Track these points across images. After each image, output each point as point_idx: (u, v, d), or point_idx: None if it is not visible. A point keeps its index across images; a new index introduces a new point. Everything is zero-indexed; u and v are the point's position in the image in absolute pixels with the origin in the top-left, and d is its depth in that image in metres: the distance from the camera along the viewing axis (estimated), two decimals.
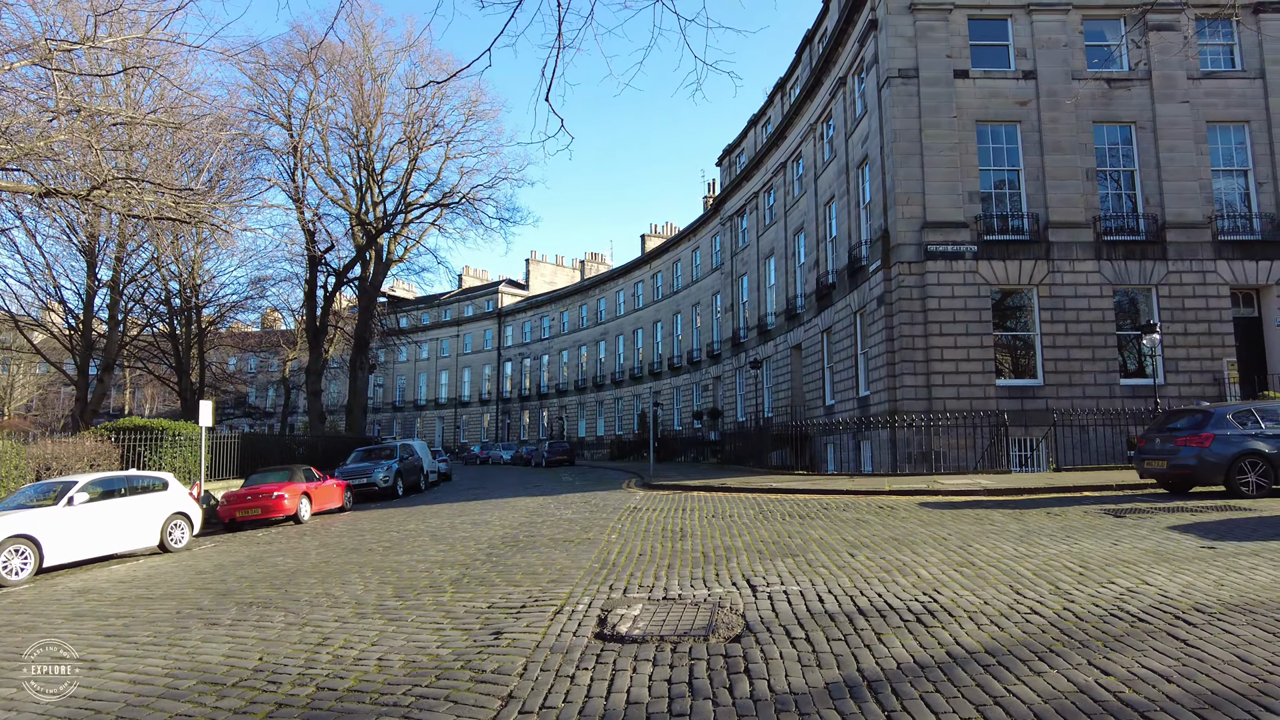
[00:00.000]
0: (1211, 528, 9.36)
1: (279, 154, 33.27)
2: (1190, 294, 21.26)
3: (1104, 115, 22.18)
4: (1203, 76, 22.38)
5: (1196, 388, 20.67)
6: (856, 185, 25.72)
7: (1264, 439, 12.22)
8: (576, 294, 66.25)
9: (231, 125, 26.69)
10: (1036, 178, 21.83)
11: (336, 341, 42.63)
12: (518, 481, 28.80)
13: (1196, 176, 21.82)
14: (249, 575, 9.95)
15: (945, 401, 20.46)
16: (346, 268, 35.42)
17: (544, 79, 5.12)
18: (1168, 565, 7.29)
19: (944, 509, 12.57)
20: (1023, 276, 21.33)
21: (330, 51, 35.13)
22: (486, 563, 9.39)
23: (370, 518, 17.41)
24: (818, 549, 9.05)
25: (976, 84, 22.20)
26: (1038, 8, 22.37)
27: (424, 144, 37.61)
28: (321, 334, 34.35)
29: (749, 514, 13.05)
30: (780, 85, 35.66)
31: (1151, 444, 13.36)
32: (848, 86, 26.46)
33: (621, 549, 9.72)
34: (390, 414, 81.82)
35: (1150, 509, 11.31)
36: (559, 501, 17.60)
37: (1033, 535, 9.39)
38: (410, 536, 12.79)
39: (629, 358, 57.66)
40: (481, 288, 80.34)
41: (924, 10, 22.28)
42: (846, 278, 25.54)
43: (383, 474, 23.47)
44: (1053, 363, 20.98)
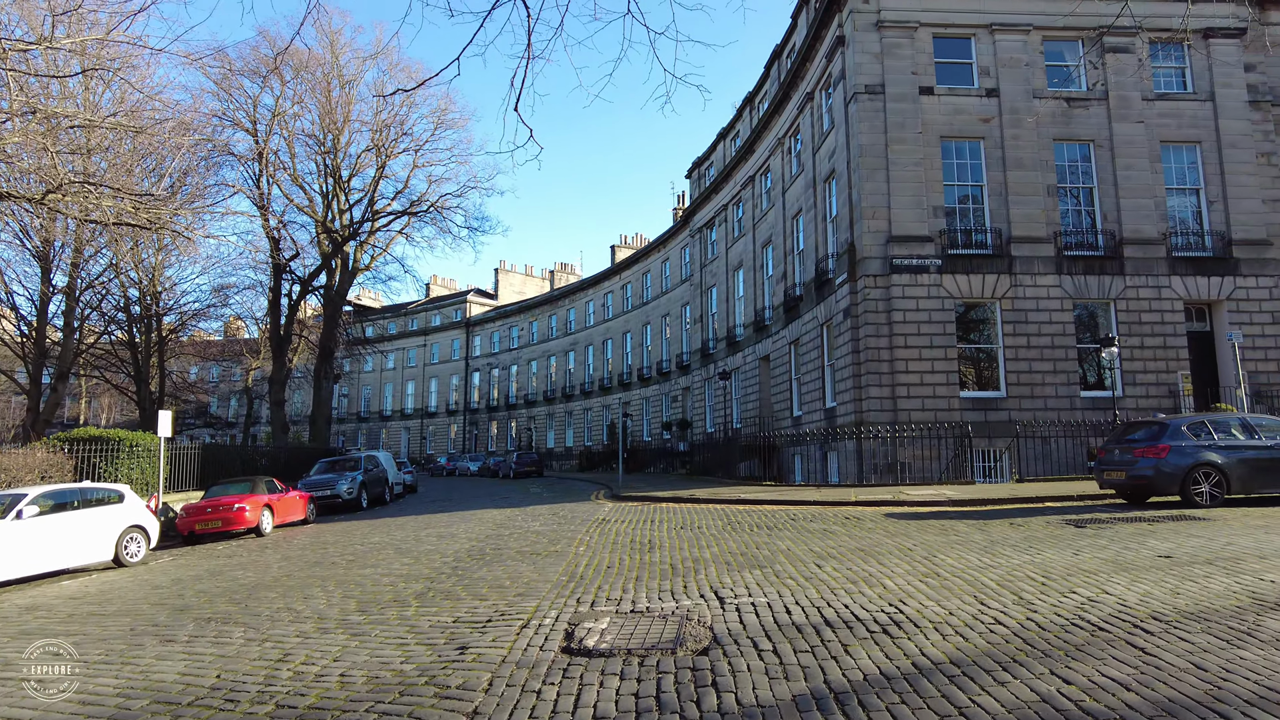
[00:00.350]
0: (1168, 537, 9.56)
1: (244, 160, 32.80)
2: (1147, 308, 21.80)
3: (1064, 133, 22.73)
4: (1156, 98, 23.05)
5: (1153, 400, 21.17)
6: (824, 199, 26.01)
7: (1216, 450, 12.54)
8: (546, 304, 66.06)
9: (195, 130, 26.23)
10: (999, 193, 22.27)
11: (301, 351, 41.98)
12: (485, 493, 28.54)
13: (1152, 194, 22.43)
14: (207, 590, 9.71)
15: (910, 413, 20.71)
16: (311, 276, 34.95)
17: (513, 89, 5.14)
18: (1126, 575, 7.42)
19: (909, 520, 12.69)
20: (986, 290, 21.71)
21: (297, 57, 34.74)
22: (452, 576, 9.26)
23: (334, 530, 17.12)
24: (785, 560, 9.07)
25: (941, 101, 22.62)
26: (1000, 27, 22.87)
27: (392, 152, 37.33)
28: (285, 343, 33.81)
29: (717, 525, 13.06)
30: (749, 99, 35.99)
31: (1111, 455, 13.64)
32: (815, 101, 26.79)
33: (589, 562, 9.66)
34: (355, 425, 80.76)
35: (1110, 519, 11.52)
36: (526, 513, 17.47)
37: (997, 546, 9.51)
38: (374, 549, 12.59)
39: (598, 368, 57.60)
40: (449, 297, 79.78)
41: (890, 28, 22.66)
42: (814, 290, 25.78)
43: (347, 486, 23.11)
44: (1015, 375, 21.35)
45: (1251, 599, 6.37)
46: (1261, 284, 22.15)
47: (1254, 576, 7.16)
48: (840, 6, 23.50)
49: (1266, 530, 9.91)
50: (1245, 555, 8.22)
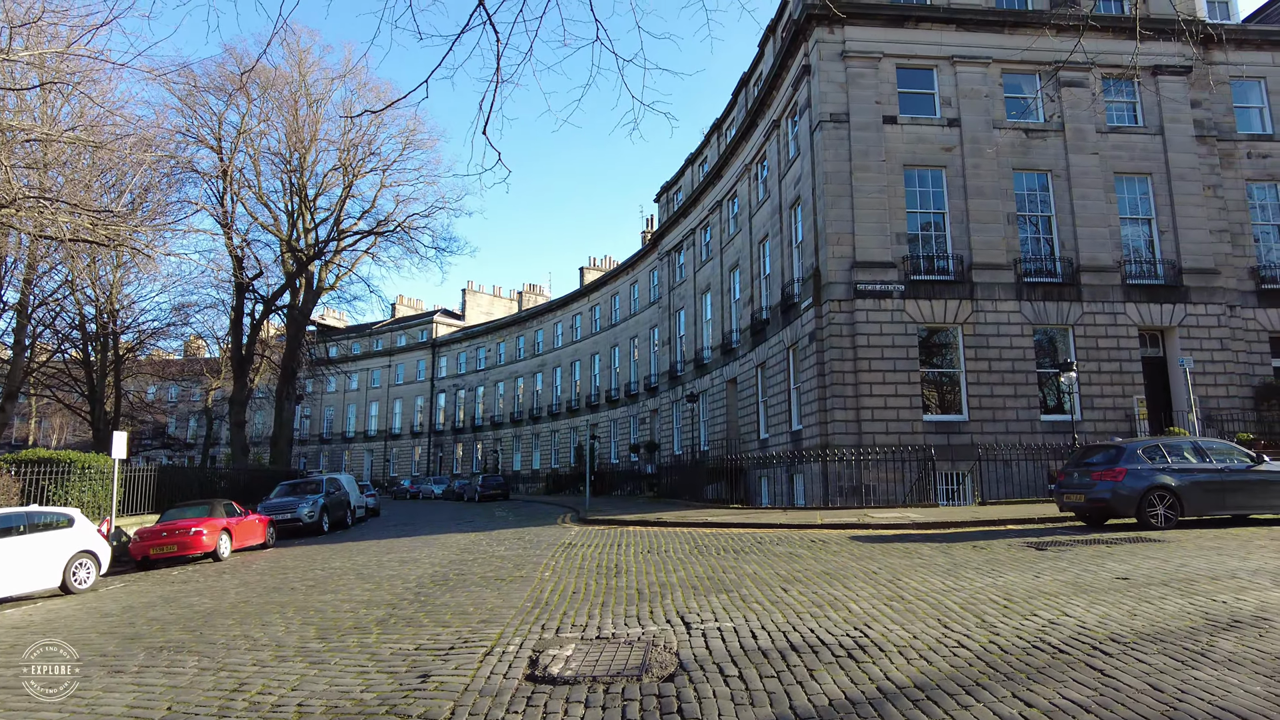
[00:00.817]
0: (1125, 559, 9.74)
1: (208, 177, 32.32)
2: (1103, 334, 22.34)
3: (1023, 163, 23.33)
4: (1110, 130, 23.80)
5: (1110, 423, 21.64)
6: (789, 224, 26.35)
7: (1170, 473, 12.85)
8: (514, 325, 65.79)
9: (157, 146, 25.82)
10: (961, 221, 22.74)
11: (263, 371, 41.25)
12: (449, 517, 28.16)
13: (1107, 223, 23.08)
14: (160, 617, 9.42)
15: (875, 436, 20.92)
16: (275, 295, 34.45)
17: (481, 113, 5.16)
18: (1086, 597, 7.54)
19: (874, 542, 12.78)
20: (948, 315, 22.09)
21: (264, 75, 34.45)
22: (414, 602, 9.10)
23: (294, 555, 16.75)
24: (751, 584, 9.07)
25: (904, 130, 23.11)
26: (961, 60, 23.49)
27: (359, 171, 37.08)
28: (247, 363, 33.22)
29: (684, 549, 13.02)
30: (717, 126, 36.46)
31: (1070, 478, 13.89)
32: (781, 129, 27.22)
33: (555, 587, 9.56)
34: (317, 446, 79.38)
35: (1070, 541, 11.71)
36: (491, 538, 17.26)
37: (960, 568, 9.60)
38: (335, 575, 12.34)
39: (566, 390, 57.39)
40: (415, 317, 79.11)
41: (855, 58, 23.15)
42: (780, 314, 26.03)
43: (308, 509, 22.67)
44: (977, 399, 21.70)
45: (1204, 619, 6.50)
46: (1210, 311, 22.85)
47: (1206, 597, 7.32)
48: (806, 37, 23.98)
49: (1218, 551, 10.14)
50: (1198, 576, 8.39)
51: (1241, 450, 13.67)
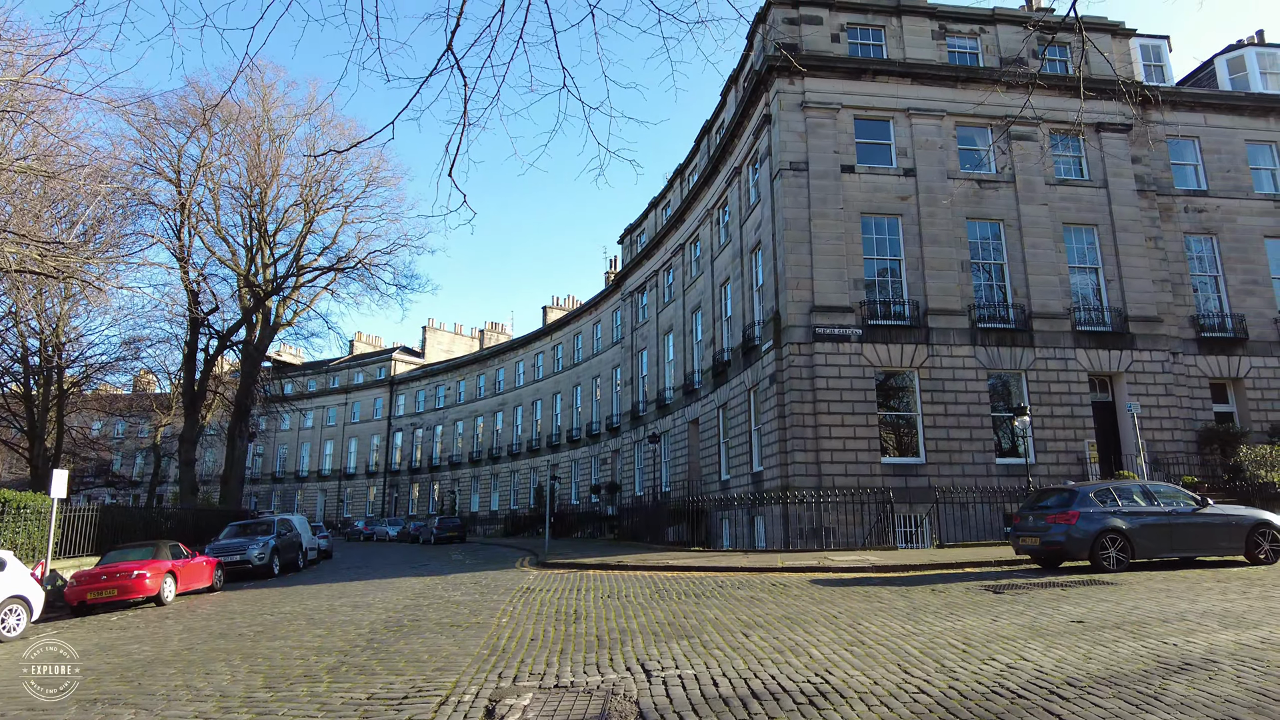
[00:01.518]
0: (1080, 602, 9.87)
1: (165, 210, 31.78)
2: (1055, 379, 22.92)
3: (976, 212, 24.07)
4: (1058, 183, 24.73)
5: (1063, 467, 22.09)
6: (750, 268, 26.74)
7: (1121, 516, 13.13)
8: (475, 363, 65.28)
9: (113, 178, 25.36)
10: (916, 267, 23.30)
11: (215, 407, 40.23)
12: (404, 559, 27.54)
13: (1056, 272, 23.84)
14: (95, 667, 8.98)
15: (834, 478, 21.05)
16: (231, 330, 33.80)
17: (448, 155, 5.16)
18: (1042, 640, 7.61)
19: (835, 586, 12.78)
20: (904, 359, 22.49)
21: (227, 110, 34.20)
22: (367, 649, 8.84)
23: (242, 599, 16.18)
24: (713, 629, 8.98)
25: (862, 179, 23.73)
26: (916, 112, 24.30)
27: (321, 207, 36.88)
28: (199, 399, 32.39)
29: (645, 593, 12.88)
30: (680, 171, 37.06)
31: (1025, 521, 14.11)
32: (743, 176, 27.76)
33: (513, 633, 9.36)
34: (269, 485, 77.33)
35: (1026, 584, 11.85)
36: (447, 582, 16.89)
37: (919, 612, 9.64)
38: (285, 620, 11.93)
39: (527, 429, 56.89)
40: (374, 354, 78.10)
41: (814, 109, 23.81)
42: (741, 355, 26.26)
43: (258, 551, 21.98)
44: (934, 442, 22.02)
45: (1157, 662, 6.60)
46: (1155, 358, 23.62)
47: (1158, 640, 7.44)
48: (767, 87, 24.62)
49: (1168, 594, 10.34)
50: (1149, 619, 8.54)
51: (1187, 494, 14.05)
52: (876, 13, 25.47)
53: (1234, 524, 13.43)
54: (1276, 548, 13.39)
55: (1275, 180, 27.07)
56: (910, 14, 25.49)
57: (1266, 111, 27.36)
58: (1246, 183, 26.64)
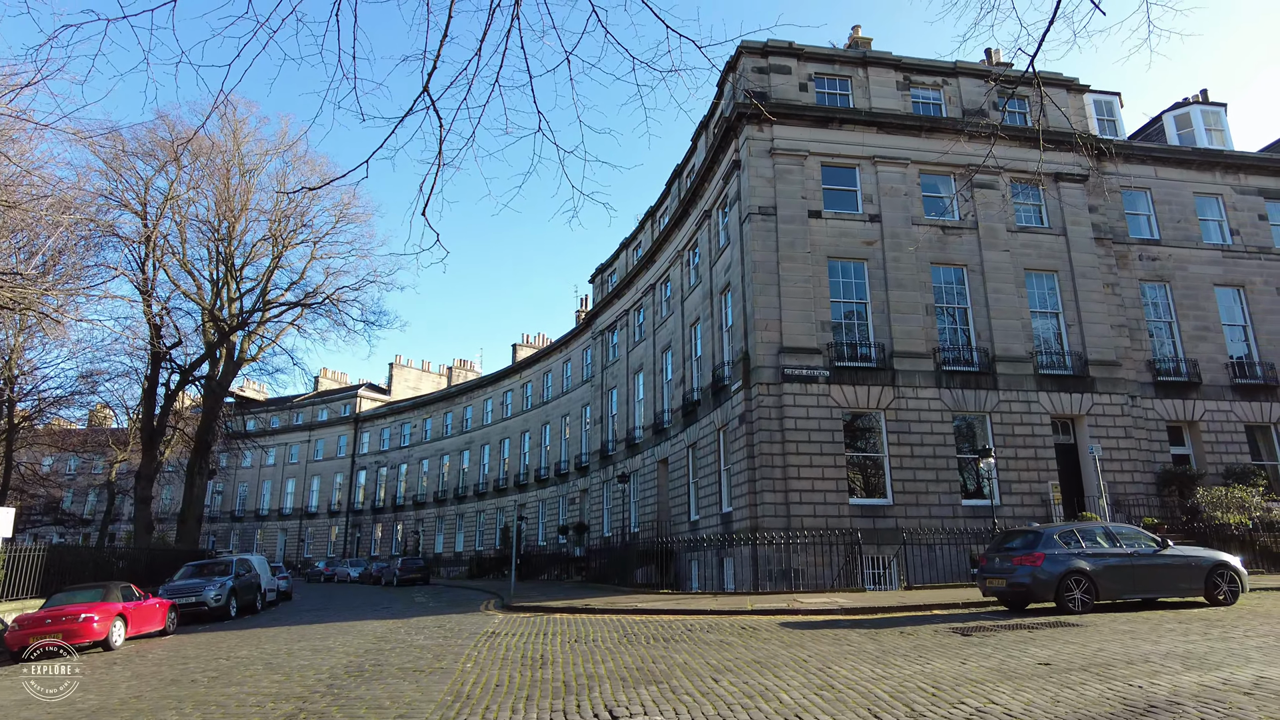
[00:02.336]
0: (1047, 644, 9.92)
1: (129, 242, 31.28)
2: (1019, 421, 23.30)
3: (940, 257, 24.61)
4: (1019, 230, 25.43)
5: (1028, 508, 22.34)
6: (720, 309, 26.98)
7: (1085, 558, 13.29)
8: (442, 400, 64.62)
9: (77, 209, 24.94)
10: (882, 311, 23.69)
11: (174, 443, 39.30)
12: (366, 602, 26.89)
13: (1019, 316, 24.38)
14: (34, 718, 8.59)
15: (803, 519, 21.06)
16: (193, 365, 33.16)
17: (422, 194, 5.14)
18: (1011, 683, 7.62)
19: (804, 629, 12.71)
20: (871, 401, 22.73)
21: (197, 143, 33.98)
22: (327, 695, 8.58)
23: (197, 642, 15.64)
24: (682, 674, 8.87)
25: (829, 224, 24.19)
26: (881, 160, 24.93)
27: (290, 242, 36.60)
28: (158, 435, 31.62)
29: (613, 637, 12.70)
30: (651, 213, 37.49)
31: (992, 563, 14.21)
32: (713, 219, 28.15)
33: (477, 679, 9.15)
34: (228, 524, 75.35)
35: (993, 627, 11.89)
36: (410, 625, 16.51)
37: (888, 655, 9.61)
38: (241, 664, 11.54)
39: (494, 468, 56.24)
40: (339, 391, 76.96)
41: (782, 155, 24.32)
42: (711, 395, 26.35)
43: (215, 592, 21.32)
44: (900, 483, 22.17)
45: (1123, 705, 6.65)
46: (1114, 401, 24.15)
47: (1123, 682, 7.50)
48: (737, 134, 25.13)
49: (1132, 635, 10.44)
50: (1115, 661, 8.61)
51: (1148, 535, 14.28)
52: (843, 63, 26.24)
53: (1193, 565, 13.66)
54: (1234, 588, 13.63)
55: (1222, 231, 28.11)
56: (876, 65, 26.30)
57: (1211, 166, 28.52)
58: (1196, 233, 27.63)
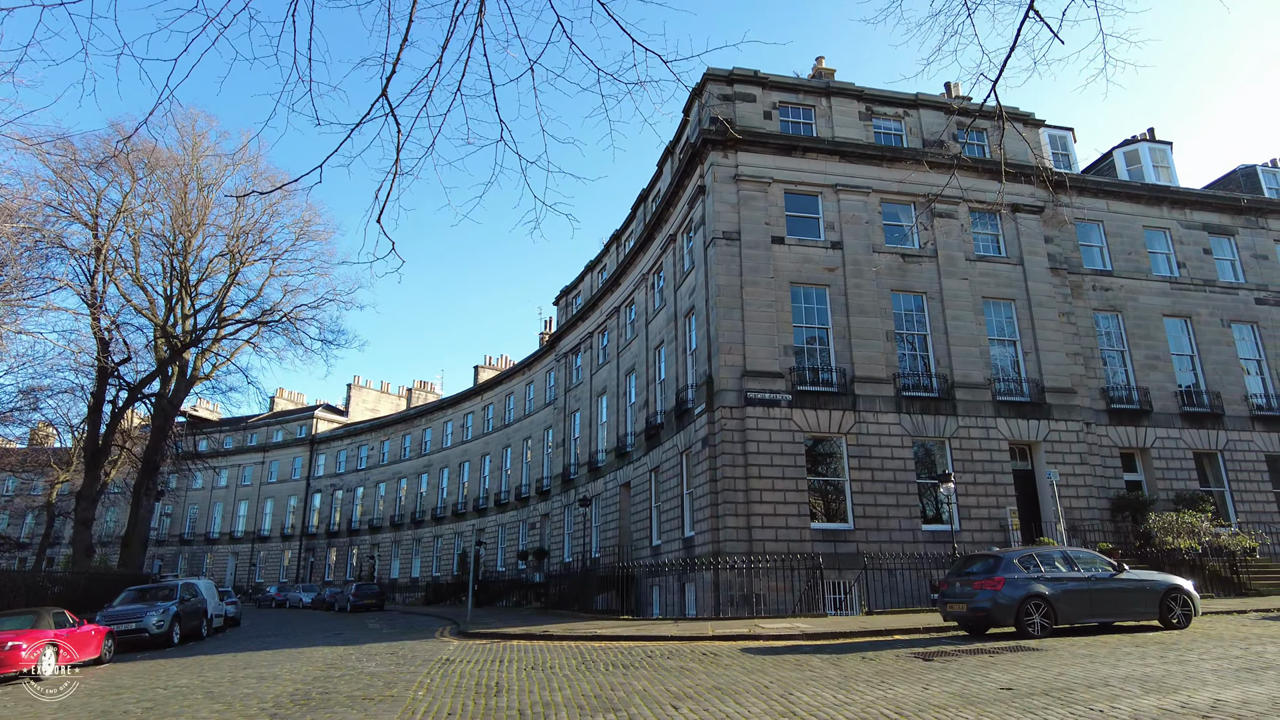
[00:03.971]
0: (1008, 669, 9.88)
1: (78, 254, 30.37)
2: (977, 447, 23.54)
3: (900, 285, 24.93)
4: (978, 259, 25.89)
5: (987, 533, 22.52)
6: (684, 332, 26.98)
7: (1044, 582, 13.35)
8: (401, 422, 63.53)
9: (22, 218, 24.22)
10: (843, 336, 23.86)
11: (121, 463, 37.95)
12: (317, 628, 26.07)
13: (977, 343, 24.74)
14: None
15: (765, 543, 20.95)
16: (143, 382, 32.11)
17: (377, 201, 4.97)
18: (974, 709, 7.53)
19: (766, 655, 12.54)
20: (832, 425, 22.80)
21: (154, 156, 33.30)
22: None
23: (134, 671, 14.92)
24: (641, 702, 8.63)
25: (791, 250, 24.39)
26: (844, 188, 25.27)
27: (248, 259, 35.86)
28: (103, 454, 30.48)
29: (571, 664, 12.39)
30: (616, 236, 37.53)
31: (953, 587, 14.21)
32: (677, 243, 28.24)
33: (429, 708, 8.81)
34: (177, 548, 72.90)
35: (955, 651, 11.84)
36: (362, 652, 15.98)
37: (850, 681, 9.48)
38: (180, 694, 11.00)
39: (453, 492, 55.29)
40: (295, 412, 75.28)
41: (746, 181, 24.52)
42: (674, 419, 26.24)
43: (157, 618, 20.41)
44: (861, 507, 22.20)
45: None
46: (1070, 428, 24.55)
47: (1085, 706, 7.46)
48: (702, 159, 25.31)
49: (1091, 659, 10.46)
50: (1076, 685, 8.58)
51: (1104, 559, 14.42)
52: (807, 93, 26.65)
53: (1148, 589, 13.82)
54: (1187, 612, 13.80)
55: (1170, 263, 28.96)
56: (839, 95, 26.75)
57: (1159, 201, 29.45)
58: (1145, 264, 28.43)
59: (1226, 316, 28.42)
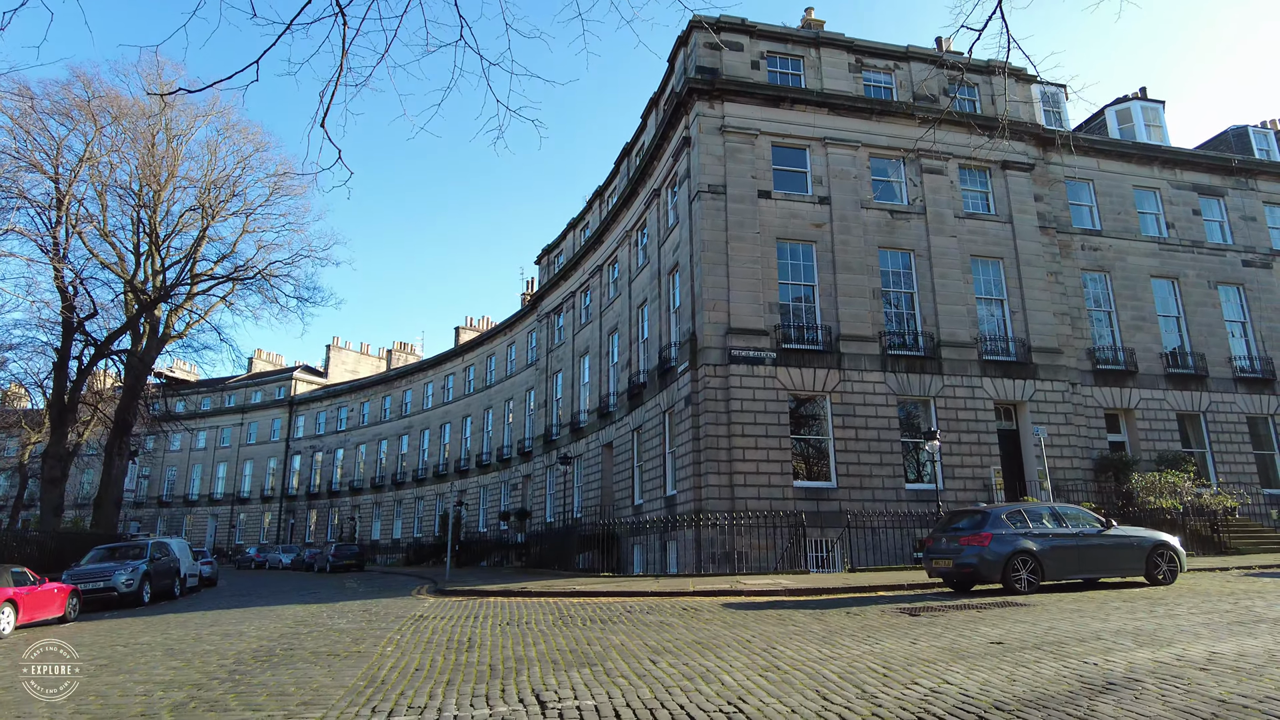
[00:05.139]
0: (997, 624, 9.62)
1: (40, 206, 29.27)
2: (962, 406, 23.30)
3: (888, 242, 24.45)
4: (966, 216, 25.43)
5: (970, 492, 22.37)
6: (668, 290, 26.44)
7: (1032, 538, 13.12)
8: (381, 384, 62.80)
9: None
10: (829, 294, 23.42)
11: (95, 424, 37.16)
12: (294, 587, 25.71)
13: (964, 302, 24.38)
14: None
15: (747, 502, 20.70)
16: (111, 338, 31.16)
17: (322, 104, 4.43)
18: (964, 663, 7.22)
19: (747, 610, 12.26)
20: (817, 384, 22.45)
21: (119, 105, 32.09)
22: (226, 682, 7.74)
23: (97, 630, 14.46)
24: (618, 656, 8.27)
25: (778, 204, 23.81)
26: (832, 142, 24.62)
27: (220, 213, 34.83)
28: (70, 412, 29.70)
29: (547, 620, 12.05)
30: (599, 193, 36.73)
31: (938, 544, 13.97)
32: (662, 198, 27.56)
33: (396, 663, 8.41)
34: (155, 510, 72.24)
35: (941, 607, 11.59)
36: (334, 609, 15.60)
37: (835, 636, 9.18)
38: (138, 652, 10.55)
39: (434, 454, 54.86)
40: (274, 373, 74.27)
41: (733, 133, 23.83)
42: (657, 378, 25.82)
43: (126, 576, 19.88)
44: (844, 466, 21.97)
45: (1081, 683, 6.29)
46: (1056, 388, 24.37)
47: (1078, 660, 7.17)
48: (687, 110, 24.55)
49: (1080, 614, 10.23)
50: (1067, 639, 8.31)
51: (1092, 515, 14.21)
52: (796, 43, 25.85)
53: (1135, 545, 13.64)
54: (1173, 568, 13.65)
55: (1159, 224, 28.65)
56: (828, 46, 25.97)
57: (1150, 160, 29.04)
58: (1134, 225, 28.11)
59: (1214, 278, 28.23)
